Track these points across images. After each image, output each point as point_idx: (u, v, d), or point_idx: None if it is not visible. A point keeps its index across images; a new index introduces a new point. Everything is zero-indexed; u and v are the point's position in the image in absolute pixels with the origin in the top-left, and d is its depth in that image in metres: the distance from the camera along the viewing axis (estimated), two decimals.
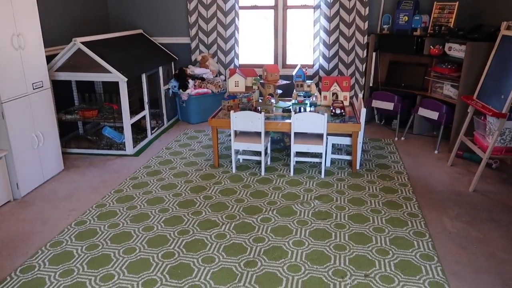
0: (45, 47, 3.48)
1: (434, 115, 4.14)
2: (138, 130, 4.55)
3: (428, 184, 3.42)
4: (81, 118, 4.22)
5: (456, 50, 4.07)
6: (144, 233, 2.70)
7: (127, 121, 4.05)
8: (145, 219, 2.88)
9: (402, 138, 4.52)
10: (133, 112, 4.18)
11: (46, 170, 3.52)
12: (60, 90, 4.21)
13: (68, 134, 4.48)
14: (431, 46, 4.31)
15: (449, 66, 4.19)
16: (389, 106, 4.53)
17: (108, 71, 3.88)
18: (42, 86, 3.43)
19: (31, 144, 3.32)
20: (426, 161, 3.90)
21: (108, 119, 4.21)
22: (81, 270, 2.34)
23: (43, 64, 3.44)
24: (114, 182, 3.50)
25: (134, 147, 4.18)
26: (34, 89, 3.32)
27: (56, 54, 3.97)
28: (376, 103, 4.66)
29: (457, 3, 4.34)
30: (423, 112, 4.28)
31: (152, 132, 4.64)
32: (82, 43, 3.87)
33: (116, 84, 3.97)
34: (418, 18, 4.48)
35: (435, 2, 4.54)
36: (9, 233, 2.75)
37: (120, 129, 4.20)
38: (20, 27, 3.14)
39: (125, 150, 4.13)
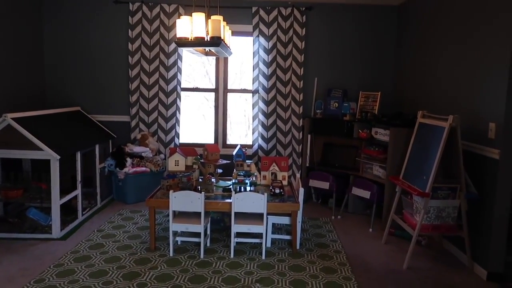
0: None
1: (366, 194, 4.37)
2: (68, 211, 4.23)
3: (365, 262, 3.49)
4: (3, 198, 3.87)
5: (382, 134, 4.46)
6: None
7: (56, 201, 3.79)
8: None
9: (339, 217, 4.66)
10: (63, 192, 3.93)
11: None
12: None
13: None
14: (359, 130, 4.69)
15: (376, 149, 4.55)
16: (325, 185, 4.73)
17: (39, 149, 3.69)
18: None
19: None
20: (362, 239, 4.02)
21: (35, 199, 3.90)
22: None
23: None
24: (35, 270, 3.15)
25: (61, 230, 3.86)
26: None
27: None
28: (313, 183, 4.84)
29: (379, 93, 4.87)
30: (356, 191, 4.51)
31: (84, 213, 4.35)
32: (13, 119, 3.69)
33: (47, 162, 3.76)
34: (346, 105, 4.92)
35: (360, 92, 5.05)
36: None
37: (48, 210, 3.89)
38: None
39: (51, 233, 3.80)
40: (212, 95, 5.53)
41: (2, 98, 4.41)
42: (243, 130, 5.74)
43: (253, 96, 5.35)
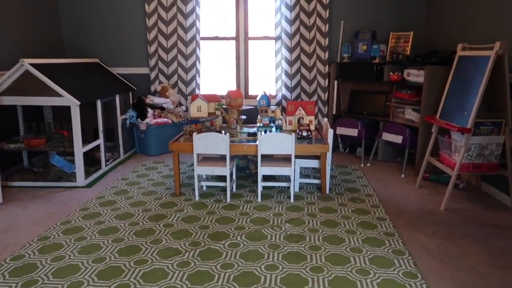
0: None
1: (398, 138, 4.14)
2: (91, 162, 4.19)
3: (399, 204, 3.32)
4: (27, 147, 3.83)
5: (415, 76, 4.17)
6: (94, 265, 2.34)
7: (79, 148, 3.72)
8: (95, 250, 2.52)
9: (368, 164, 4.47)
10: (86, 141, 3.86)
11: None
12: (3, 118, 3.85)
13: (12, 167, 4.06)
14: (390, 73, 4.40)
15: (409, 92, 4.27)
16: (353, 132, 4.51)
17: (59, 95, 3.59)
18: None
19: None
20: (394, 184, 3.83)
21: (58, 147, 3.85)
22: None
23: None
24: (61, 213, 3.12)
25: (86, 179, 3.81)
26: None
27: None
28: (341, 130, 4.62)
29: (411, 33, 4.52)
30: (387, 136, 4.28)
31: (107, 164, 4.29)
32: (31, 65, 3.58)
33: (67, 110, 3.67)
34: (376, 47, 4.61)
35: (391, 33, 4.71)
36: None
37: (71, 161, 3.84)
38: None
39: (75, 181, 3.76)
40: (233, 43, 5.28)
41: (19, 49, 4.30)
42: (266, 79, 5.51)
43: (275, 43, 5.08)
